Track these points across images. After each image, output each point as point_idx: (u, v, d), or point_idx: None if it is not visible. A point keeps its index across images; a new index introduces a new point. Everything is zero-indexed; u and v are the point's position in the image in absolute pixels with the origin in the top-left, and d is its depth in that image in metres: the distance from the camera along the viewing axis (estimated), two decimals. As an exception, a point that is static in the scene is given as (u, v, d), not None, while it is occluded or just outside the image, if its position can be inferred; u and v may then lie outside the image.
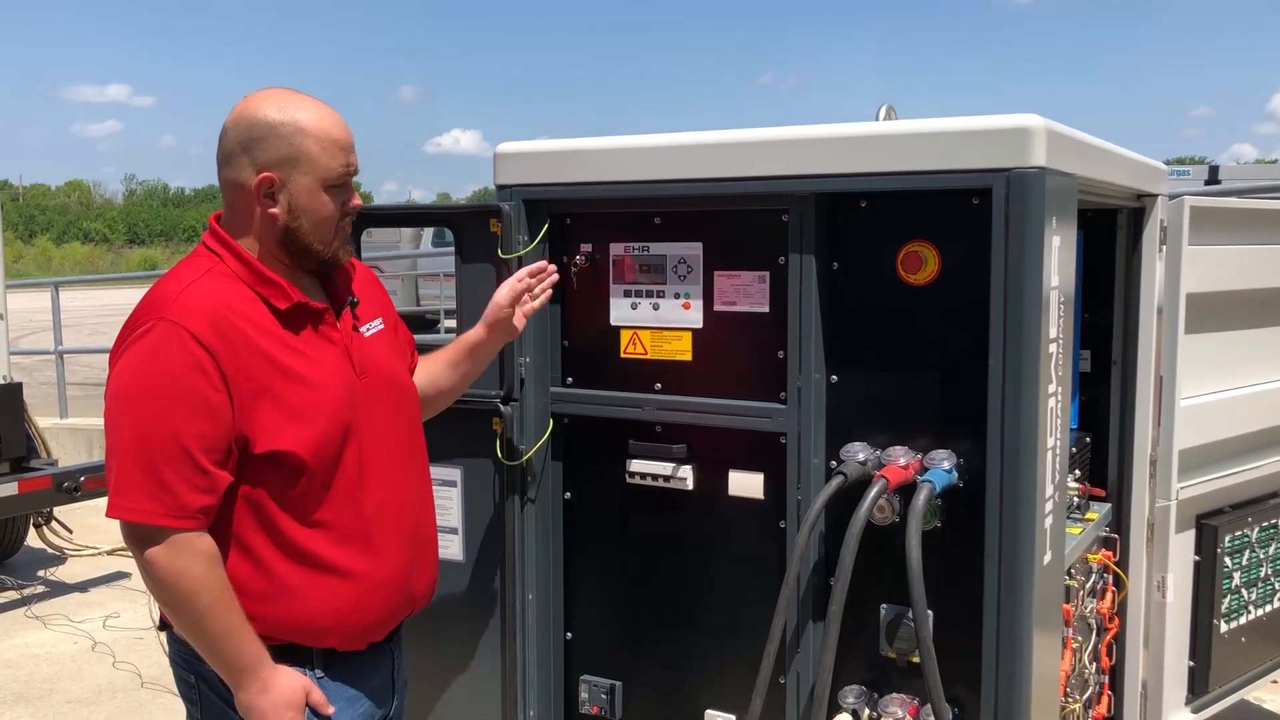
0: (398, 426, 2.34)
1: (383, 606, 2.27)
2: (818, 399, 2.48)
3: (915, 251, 2.39)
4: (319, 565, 2.17)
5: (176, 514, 2.03)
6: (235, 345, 2.07)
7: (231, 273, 2.16)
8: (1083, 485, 3.20)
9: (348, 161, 2.20)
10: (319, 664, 2.22)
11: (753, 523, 2.59)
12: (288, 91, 2.20)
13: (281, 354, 2.13)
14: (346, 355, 2.24)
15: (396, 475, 2.30)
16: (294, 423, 2.11)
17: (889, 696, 2.45)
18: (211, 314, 2.07)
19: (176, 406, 2.03)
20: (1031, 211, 2.20)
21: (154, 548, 2.04)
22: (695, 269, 2.63)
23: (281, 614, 2.16)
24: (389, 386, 2.33)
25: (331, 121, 2.18)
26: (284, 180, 2.14)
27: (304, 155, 2.14)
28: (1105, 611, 3.28)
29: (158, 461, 2.03)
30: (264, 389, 2.09)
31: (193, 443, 2.03)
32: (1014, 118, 2.23)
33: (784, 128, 2.47)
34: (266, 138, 2.13)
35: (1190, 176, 14.71)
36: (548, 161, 2.73)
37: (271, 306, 2.15)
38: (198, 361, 2.04)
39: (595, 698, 2.80)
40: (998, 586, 2.27)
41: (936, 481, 2.30)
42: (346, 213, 2.23)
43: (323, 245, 2.20)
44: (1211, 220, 3.41)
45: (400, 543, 2.29)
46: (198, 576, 2.05)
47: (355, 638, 2.25)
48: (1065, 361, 2.44)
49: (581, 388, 2.78)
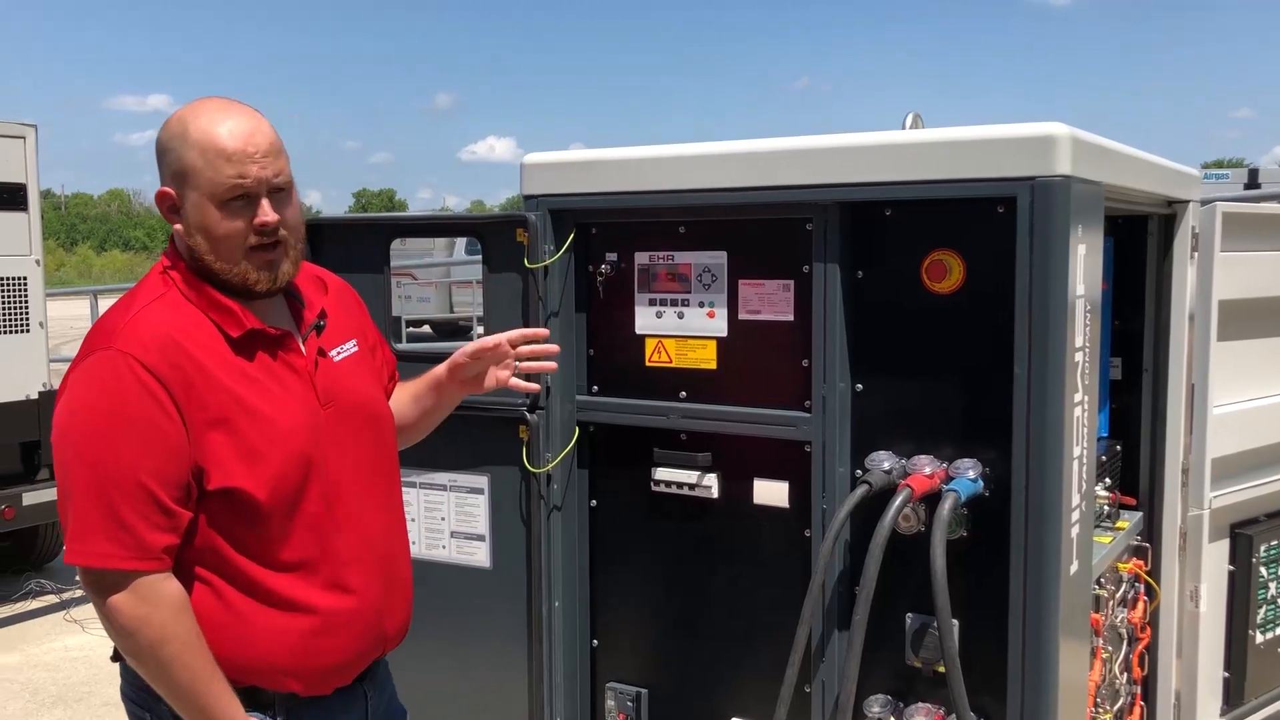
0: (367, 456, 2.17)
1: (349, 646, 2.11)
2: (842, 407, 2.48)
3: (940, 260, 2.38)
4: (279, 602, 2.02)
5: (138, 555, 1.89)
6: (187, 373, 1.93)
7: (184, 297, 2.02)
8: (1113, 494, 3.17)
9: (239, 173, 1.96)
10: (281, 711, 2.07)
11: (777, 531, 2.59)
12: (206, 101, 2.04)
13: (237, 384, 1.98)
14: (310, 384, 2.09)
15: (367, 508, 2.15)
16: (249, 459, 1.97)
17: (914, 706, 2.44)
18: (161, 341, 1.93)
19: (130, 440, 1.89)
20: (1056, 220, 2.19)
21: (116, 594, 1.89)
22: (720, 277, 2.63)
23: (241, 654, 2.01)
24: (358, 414, 2.16)
25: (223, 130, 1.97)
26: (182, 196, 2.00)
27: (189, 169, 1.97)
28: (1136, 621, 3.25)
29: (115, 500, 1.88)
30: (219, 419, 1.95)
31: (150, 478, 1.89)
32: (1038, 126, 2.22)
33: (808, 137, 2.48)
34: (163, 152, 2.01)
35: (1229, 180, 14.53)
36: (573, 171, 2.75)
37: (224, 333, 2.00)
38: (149, 390, 1.90)
39: (621, 705, 2.81)
40: (1023, 596, 2.25)
41: (961, 490, 2.29)
42: (257, 230, 2.00)
43: (225, 265, 2.00)
44: (1244, 226, 3.38)
45: (371, 579, 2.13)
46: (163, 624, 1.91)
47: (318, 681, 2.09)
48: (1092, 370, 2.42)
49: (607, 396, 2.79)
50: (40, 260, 6.62)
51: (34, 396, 6.54)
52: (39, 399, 6.55)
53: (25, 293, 6.53)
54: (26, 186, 6.41)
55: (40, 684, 5.58)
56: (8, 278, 6.44)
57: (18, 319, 6.50)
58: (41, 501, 6.43)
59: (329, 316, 2.19)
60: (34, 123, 6.44)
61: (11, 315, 6.47)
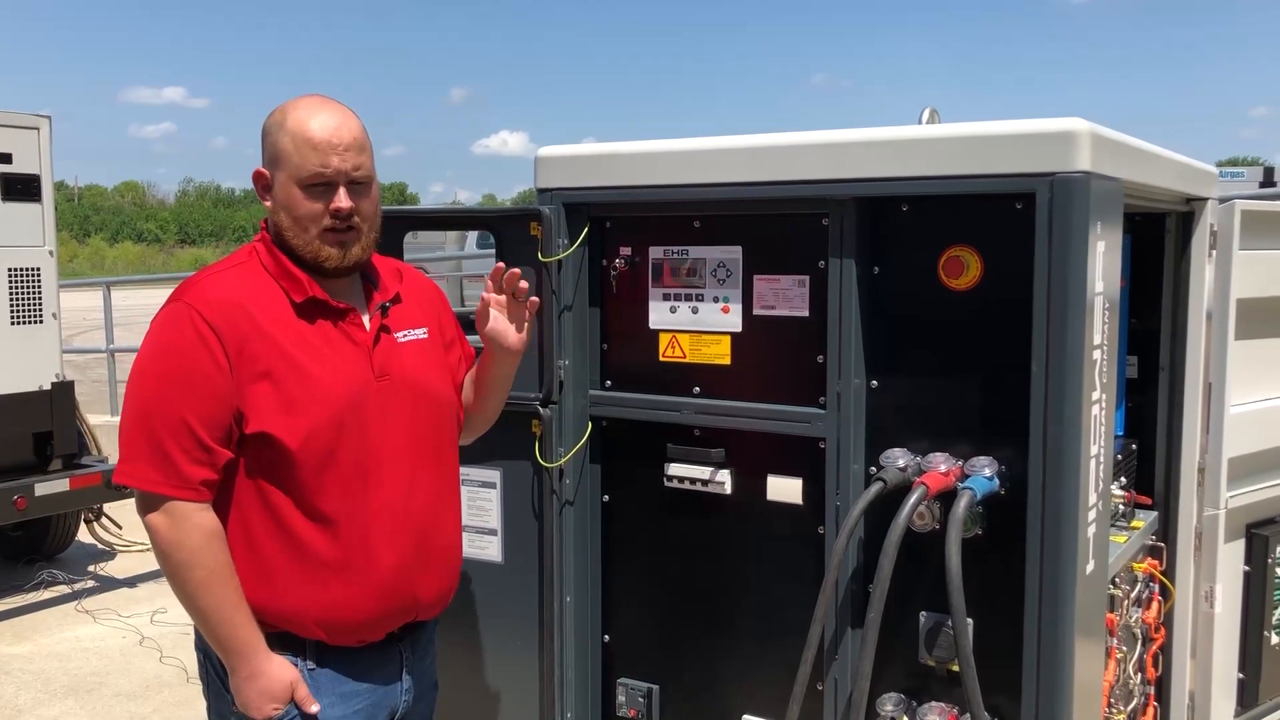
0: (421, 431, 2.32)
1: (374, 607, 2.25)
2: (857, 404, 2.46)
3: (957, 256, 2.37)
4: (309, 556, 2.20)
5: (177, 484, 2.12)
6: (242, 328, 2.15)
7: (262, 266, 2.26)
8: (1128, 493, 3.15)
9: (321, 162, 2.18)
10: (311, 655, 2.25)
11: (791, 528, 2.58)
12: (308, 96, 2.27)
13: (291, 343, 2.19)
14: (368, 356, 2.27)
15: (405, 478, 2.29)
16: (287, 410, 2.16)
17: (928, 705, 2.43)
18: (224, 300, 2.17)
19: (179, 381, 2.13)
20: (1076, 216, 2.17)
21: (155, 514, 2.14)
22: (735, 273, 2.62)
23: (271, 600, 2.20)
24: (412, 391, 2.32)
25: (316, 123, 2.20)
26: (272, 177, 2.25)
27: (281, 153, 2.22)
28: (1151, 621, 3.23)
29: (160, 433, 2.12)
30: (266, 372, 2.16)
31: (194, 418, 2.12)
32: (1058, 121, 2.20)
33: (824, 131, 2.46)
34: (264, 136, 2.26)
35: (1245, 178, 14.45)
36: (588, 165, 2.73)
37: (290, 299, 2.23)
38: (204, 340, 2.13)
39: (633, 701, 2.80)
40: (1039, 595, 2.24)
41: (977, 488, 2.27)
42: (332, 214, 2.21)
43: (301, 241, 2.23)
44: (1263, 224, 3.35)
45: (401, 546, 2.27)
46: (195, 549, 2.13)
47: (344, 634, 2.25)
48: (1110, 368, 2.40)
49: (620, 391, 2.78)
50: (54, 251, 6.63)
51: (46, 387, 6.56)
52: (51, 389, 6.57)
53: (39, 283, 6.54)
54: (40, 177, 6.41)
55: (51, 674, 5.60)
56: (21, 268, 6.46)
57: (31, 309, 6.51)
58: (54, 492, 6.44)
59: (401, 303, 2.39)
60: (48, 113, 6.46)
61: (25, 306, 6.49)
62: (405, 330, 2.37)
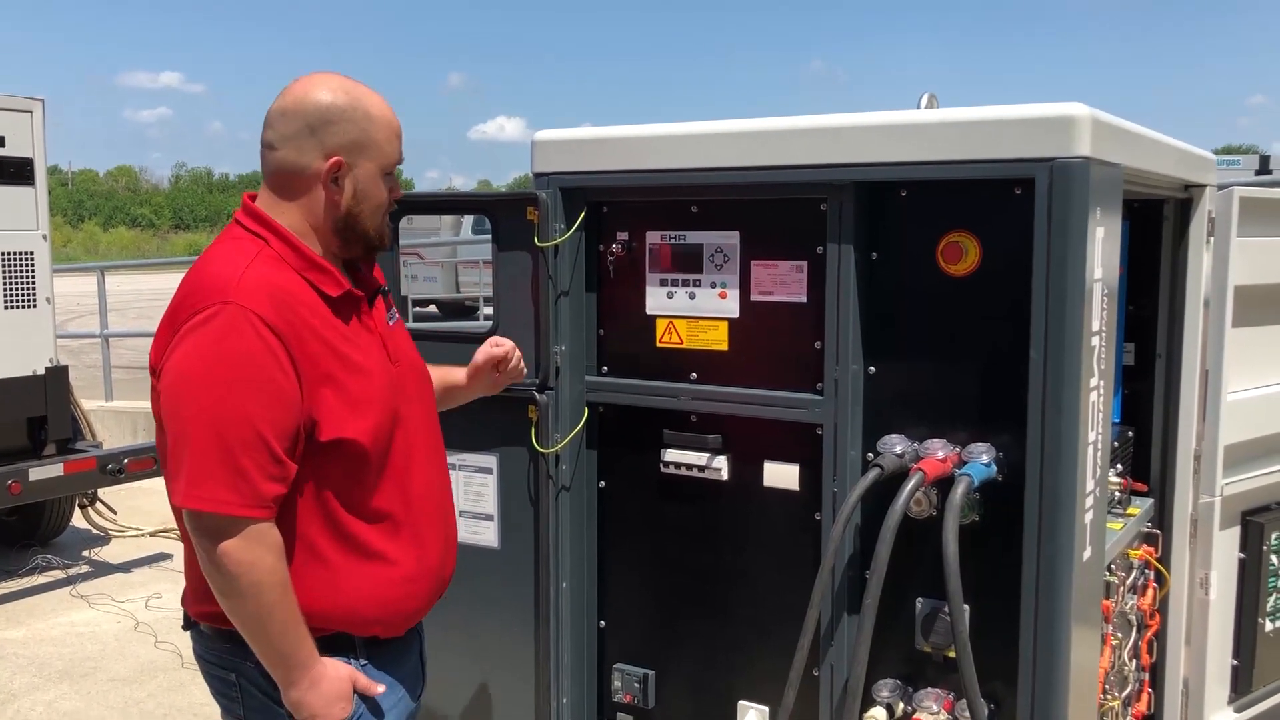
0: (427, 414, 2.34)
1: (426, 593, 2.29)
2: (855, 390, 2.46)
3: (956, 242, 2.36)
4: (371, 554, 2.16)
5: (253, 504, 1.98)
6: (299, 331, 2.05)
7: (278, 257, 2.12)
8: (1124, 480, 3.16)
9: (400, 152, 2.23)
10: (362, 653, 2.21)
11: (788, 514, 2.58)
12: (343, 77, 2.19)
13: (336, 340, 2.11)
14: (382, 343, 2.24)
15: (434, 461, 2.32)
16: (355, 411, 2.10)
17: (924, 691, 2.43)
18: (276, 299, 2.04)
19: (251, 392, 1.99)
20: (1075, 202, 2.16)
21: (227, 540, 1.98)
22: (732, 258, 2.61)
23: (334, 604, 2.13)
24: (416, 374, 2.34)
25: (388, 109, 2.21)
26: (351, 165, 2.15)
27: (371, 141, 2.16)
28: (1146, 608, 3.24)
29: (235, 450, 1.97)
30: (327, 376, 2.07)
31: (268, 430, 1.99)
32: (1058, 106, 2.18)
33: (823, 115, 2.45)
34: (337, 122, 2.13)
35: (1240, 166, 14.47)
36: (585, 149, 2.72)
37: (321, 293, 2.12)
38: (269, 346, 2.00)
39: (628, 686, 2.80)
40: (1036, 582, 2.23)
41: (975, 475, 2.27)
42: (394, 201, 2.26)
43: (376, 232, 2.22)
44: (1261, 211, 3.34)
45: (438, 529, 2.30)
46: (269, 569, 2.01)
47: (399, 625, 2.25)
48: (1108, 355, 2.40)
49: (617, 377, 2.77)
50: (47, 235, 6.60)
51: (40, 372, 6.53)
52: (45, 374, 6.55)
53: (32, 268, 6.51)
54: (33, 161, 6.38)
55: (46, 659, 5.60)
56: (15, 253, 6.42)
57: (25, 294, 6.48)
58: (48, 477, 6.42)
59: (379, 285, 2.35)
60: (42, 97, 6.41)
61: (18, 290, 6.46)
62: (390, 311, 2.37)
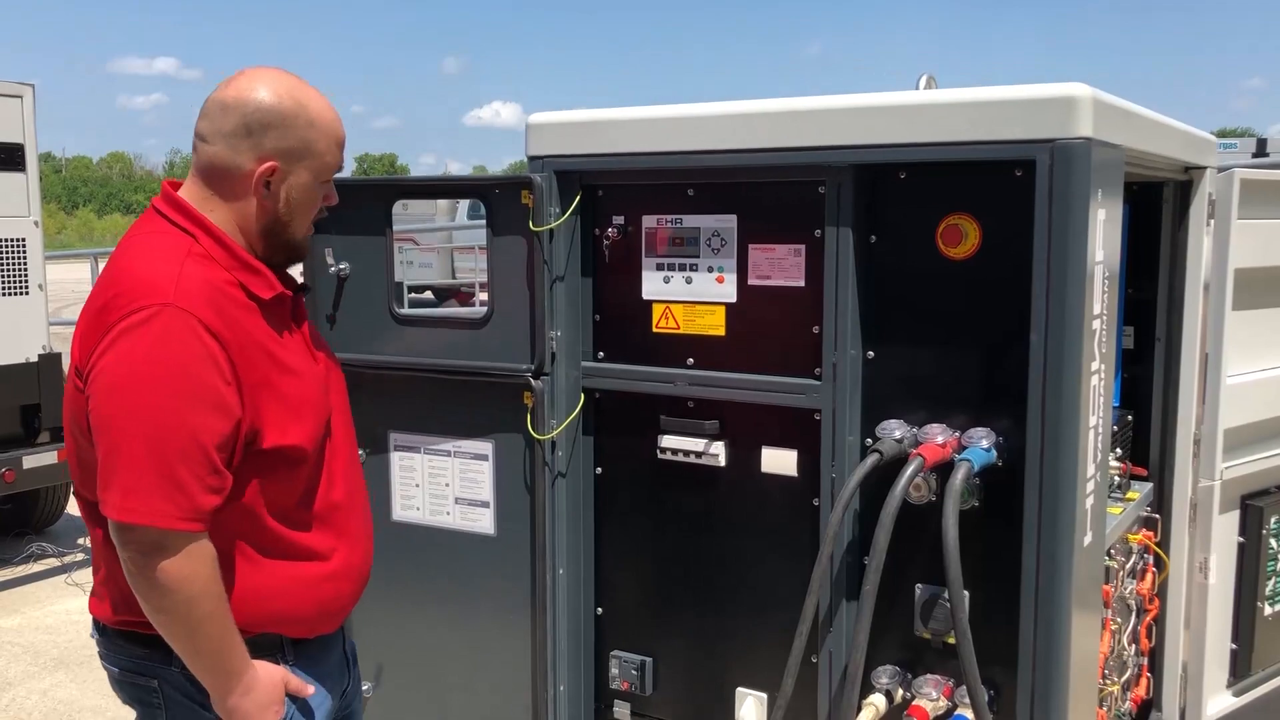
0: (345, 410, 2.31)
1: (353, 589, 2.26)
2: (853, 375, 2.43)
3: (955, 224, 2.33)
4: (300, 553, 2.12)
5: (190, 517, 1.91)
6: (236, 333, 1.98)
7: (207, 255, 2.04)
8: (1124, 464, 3.14)
9: (341, 158, 2.17)
10: (290, 653, 2.17)
11: (786, 500, 2.56)
12: (290, 76, 2.11)
13: (270, 343, 2.06)
14: (307, 345, 2.21)
15: (353, 461, 2.31)
16: (295, 416, 2.06)
17: (923, 677, 2.41)
18: (215, 302, 1.97)
19: (192, 400, 1.90)
20: (1076, 184, 2.13)
21: (163, 553, 1.91)
22: (729, 242, 2.58)
23: (264, 606, 2.09)
24: (334, 373, 2.30)
25: (333, 116, 2.13)
26: (286, 172, 2.08)
27: (311, 150, 2.09)
28: (1145, 593, 3.23)
29: (173, 460, 1.89)
30: (264, 381, 2.01)
31: (209, 440, 1.91)
32: (1059, 87, 2.16)
33: (821, 97, 2.42)
34: (277, 126, 2.05)
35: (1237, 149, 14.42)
36: (580, 132, 2.68)
37: (251, 294, 2.06)
38: (210, 351, 1.92)
39: (626, 673, 2.78)
40: (1036, 568, 2.22)
41: (975, 460, 2.25)
42: (325, 209, 2.21)
43: (300, 237, 2.18)
44: (1262, 193, 3.32)
45: (361, 525, 2.28)
46: (206, 580, 1.94)
47: (327, 623, 2.23)
48: (1109, 338, 2.38)
49: (613, 362, 2.75)
50: (39, 221, 6.56)
51: (33, 359, 6.50)
52: (39, 362, 6.51)
53: (24, 254, 6.47)
54: (24, 147, 6.33)
55: (42, 647, 5.58)
56: (6, 239, 6.38)
57: (17, 281, 6.44)
58: (42, 465, 6.40)
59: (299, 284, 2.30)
60: (32, 82, 6.36)
61: (10, 277, 6.42)
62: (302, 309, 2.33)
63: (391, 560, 2.93)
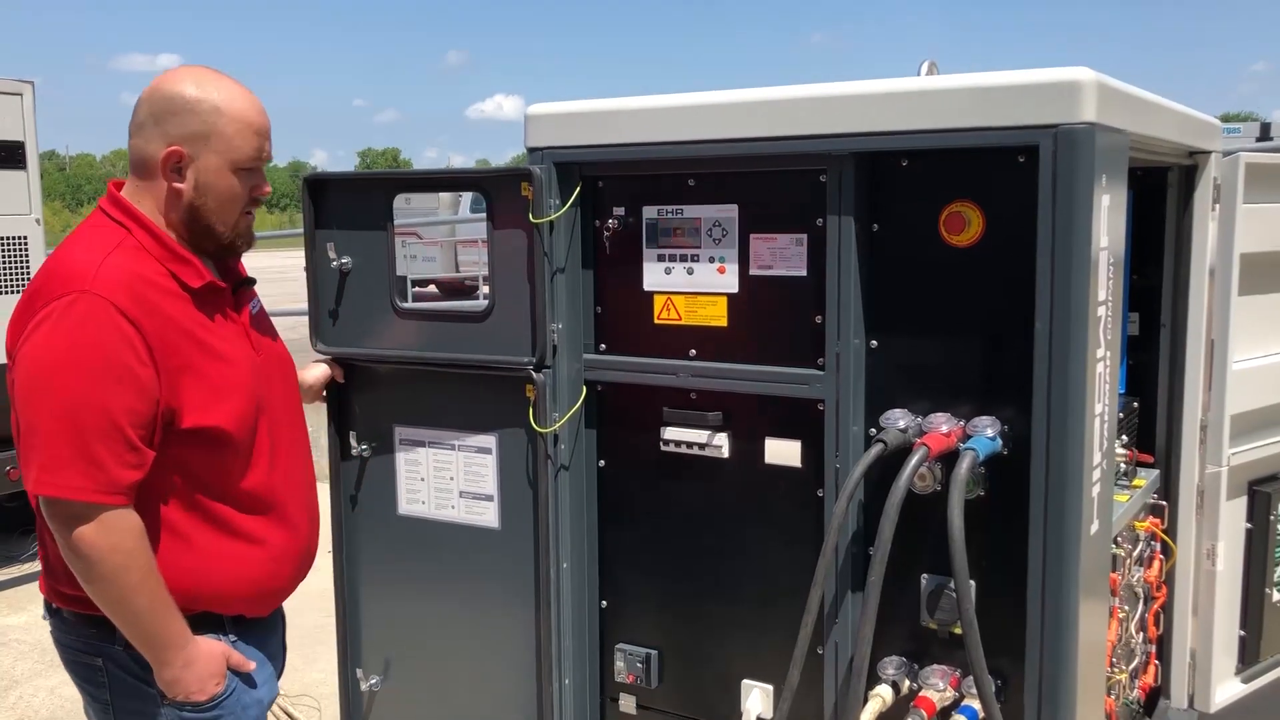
0: (289, 401, 2.43)
1: (291, 573, 2.38)
2: (857, 365, 2.41)
3: (958, 212, 2.31)
4: (237, 535, 2.23)
5: (108, 490, 2.02)
6: (158, 320, 2.09)
7: (140, 246, 2.16)
8: (1130, 451, 3.12)
9: (260, 146, 2.23)
10: (231, 629, 2.29)
11: (790, 491, 2.54)
12: (210, 71, 2.23)
13: (197, 330, 2.17)
14: (245, 332, 2.32)
15: (296, 447, 2.42)
16: (218, 398, 2.16)
17: (930, 668, 2.40)
18: (134, 289, 2.07)
19: (107, 381, 2.02)
20: (1081, 169, 2.11)
21: (83, 525, 2.02)
22: (730, 232, 2.56)
23: (200, 584, 2.20)
24: (279, 363, 2.43)
25: (248, 104, 2.21)
26: (193, 156, 2.17)
27: (216, 133, 2.16)
28: (1153, 580, 3.21)
29: (89, 437, 2.00)
30: (186, 365, 2.12)
31: (123, 418, 2.02)
32: (1062, 71, 2.13)
33: (821, 84, 2.39)
34: (180, 112, 2.15)
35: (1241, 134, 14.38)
36: (579, 123, 2.66)
37: (182, 283, 2.17)
38: (125, 335, 2.03)
39: (631, 666, 2.77)
40: (1043, 557, 2.20)
41: (980, 449, 2.23)
42: (254, 199, 2.27)
43: (224, 227, 2.23)
44: (1268, 177, 3.29)
45: (302, 511, 2.39)
46: (129, 551, 2.05)
47: (266, 603, 2.35)
48: (1115, 325, 2.36)
49: (615, 354, 2.73)
50: (40, 219, 6.54)
51: (37, 357, 6.49)
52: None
53: (25, 252, 6.46)
54: (24, 144, 6.32)
55: (48, 644, 5.56)
56: (7, 237, 6.37)
57: (17, 279, 6.43)
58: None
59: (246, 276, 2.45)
60: (31, 79, 6.34)
61: (11, 275, 6.41)
62: (254, 301, 2.44)
63: (400, 553, 2.93)
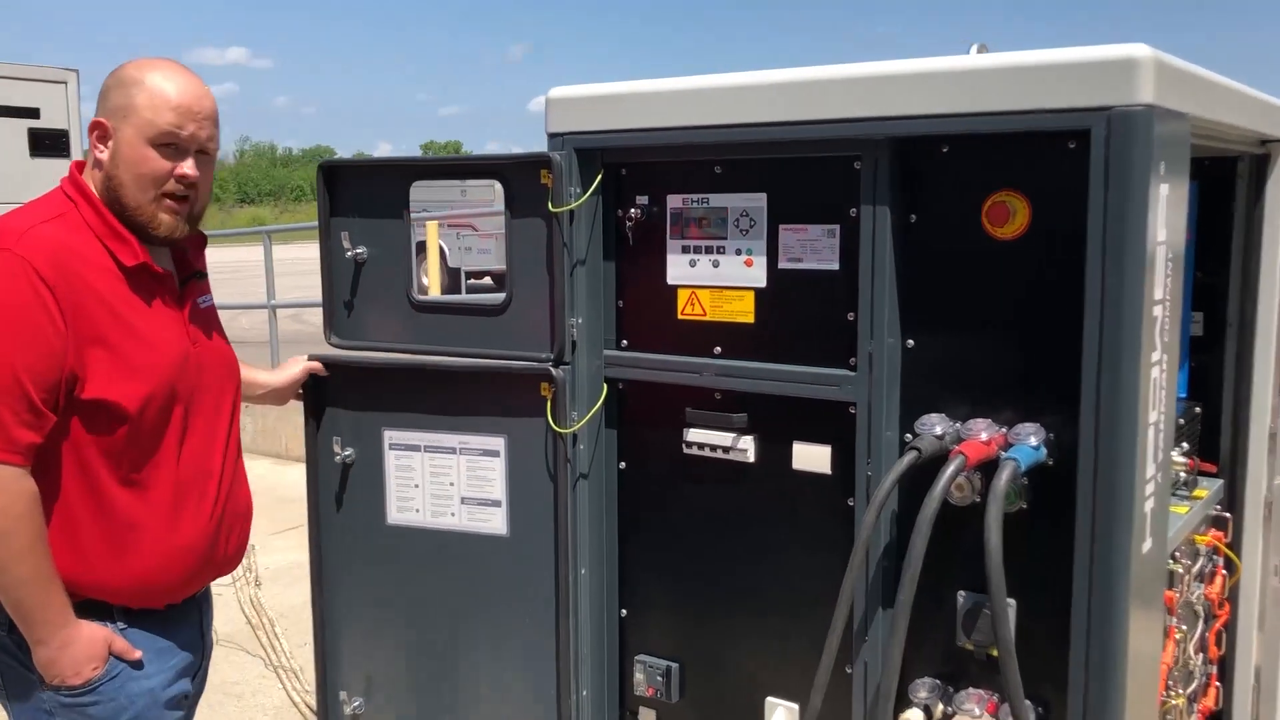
0: (220, 398, 2.41)
1: (186, 569, 2.33)
2: (891, 365, 2.27)
3: (1002, 202, 2.16)
4: (125, 524, 2.21)
5: (5, 447, 2.05)
6: (76, 287, 2.11)
7: (84, 222, 2.21)
8: (1191, 460, 2.94)
9: (177, 123, 2.22)
10: (120, 618, 2.27)
11: (818, 499, 2.41)
12: (167, 61, 2.29)
13: (121, 307, 2.18)
14: (184, 323, 2.33)
15: (214, 445, 2.38)
16: (126, 376, 2.16)
17: (965, 692, 2.25)
18: (56, 256, 2.10)
19: (14, 339, 2.05)
20: (1136, 156, 1.94)
21: None
22: (759, 222, 2.43)
23: (81, 571, 2.19)
24: (217, 359, 2.42)
25: (174, 85, 2.23)
26: (114, 128, 2.23)
27: (132, 106, 2.21)
28: (1214, 597, 3.01)
29: None
30: (100, 337, 2.13)
31: (27, 377, 2.04)
32: (1117, 48, 1.96)
33: (856, 65, 2.25)
34: (112, 89, 2.25)
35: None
36: (601, 106, 2.54)
37: (117, 261, 2.20)
38: (39, 296, 2.06)
39: (651, 679, 2.65)
40: (1089, 577, 2.04)
41: (1021, 459, 2.07)
42: (177, 178, 2.25)
43: (135, 202, 2.22)
44: (1347, 167, 3.08)
45: (206, 510, 2.35)
46: (18, 516, 2.06)
47: (150, 598, 2.30)
48: (1173, 326, 2.18)
49: (636, 351, 2.62)
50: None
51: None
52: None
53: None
54: (68, 132, 6.36)
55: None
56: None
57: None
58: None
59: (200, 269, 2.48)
60: (75, 68, 6.37)
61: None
62: (203, 296, 2.46)
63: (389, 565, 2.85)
